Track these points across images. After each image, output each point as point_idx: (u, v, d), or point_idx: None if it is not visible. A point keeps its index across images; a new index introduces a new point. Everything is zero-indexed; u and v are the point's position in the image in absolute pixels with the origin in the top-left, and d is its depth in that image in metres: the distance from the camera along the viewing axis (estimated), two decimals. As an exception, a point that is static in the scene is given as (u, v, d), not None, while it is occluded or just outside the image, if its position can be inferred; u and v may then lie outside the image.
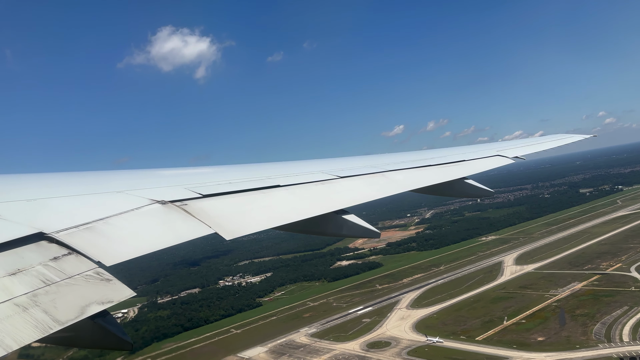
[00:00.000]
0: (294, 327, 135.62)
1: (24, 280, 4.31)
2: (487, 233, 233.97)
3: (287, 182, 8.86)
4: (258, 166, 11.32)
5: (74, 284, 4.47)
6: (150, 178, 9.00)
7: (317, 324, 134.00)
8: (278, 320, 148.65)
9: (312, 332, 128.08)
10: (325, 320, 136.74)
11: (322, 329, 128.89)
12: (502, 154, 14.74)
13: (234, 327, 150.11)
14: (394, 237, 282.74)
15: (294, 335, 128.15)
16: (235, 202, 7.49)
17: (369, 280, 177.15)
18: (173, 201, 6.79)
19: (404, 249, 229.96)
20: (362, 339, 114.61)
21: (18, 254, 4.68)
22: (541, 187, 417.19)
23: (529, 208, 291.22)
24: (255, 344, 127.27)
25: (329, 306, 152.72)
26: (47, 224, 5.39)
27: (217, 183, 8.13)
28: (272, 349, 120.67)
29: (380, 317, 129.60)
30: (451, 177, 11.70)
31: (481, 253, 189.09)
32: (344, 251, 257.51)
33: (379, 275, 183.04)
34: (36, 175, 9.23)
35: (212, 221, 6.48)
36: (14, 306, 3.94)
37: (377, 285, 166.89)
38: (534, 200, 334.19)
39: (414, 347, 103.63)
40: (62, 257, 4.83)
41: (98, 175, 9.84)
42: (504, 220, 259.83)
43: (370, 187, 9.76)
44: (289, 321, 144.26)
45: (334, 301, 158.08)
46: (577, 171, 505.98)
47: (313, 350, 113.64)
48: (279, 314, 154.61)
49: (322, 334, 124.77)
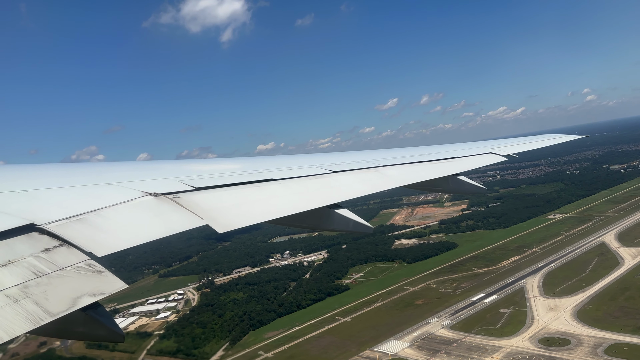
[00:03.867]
0: (417, 317, 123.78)
1: (15, 271, 4.26)
2: (549, 211, 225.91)
3: (280, 176, 8.87)
4: (252, 159, 11.56)
5: (66, 275, 4.43)
6: (143, 170, 8.87)
7: (445, 314, 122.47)
8: (387, 307, 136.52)
9: (448, 323, 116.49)
10: (450, 309, 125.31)
11: (457, 320, 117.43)
12: (495, 152, 15.12)
13: (337, 314, 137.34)
14: (436, 213, 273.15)
15: (427, 327, 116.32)
16: (228, 195, 7.42)
17: (458, 263, 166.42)
18: (165, 193, 6.74)
19: (466, 227, 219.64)
20: (524, 334, 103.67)
21: (9, 246, 4.62)
22: (559, 163, 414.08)
23: (571, 185, 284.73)
24: (385, 336, 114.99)
25: (436, 292, 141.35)
26: (39, 215, 5.33)
27: (211, 176, 8.11)
28: (415, 343, 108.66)
29: (519, 307, 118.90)
30: (444, 174, 11.85)
31: (566, 233, 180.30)
32: (390, 229, 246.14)
33: (464, 256, 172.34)
34: (28, 166, 9.25)
35: (204, 214, 6.41)
36: (4, 297, 3.91)
37: (475, 269, 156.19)
38: (566, 176, 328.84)
39: (605, 345, 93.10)
40: (53, 248, 4.77)
41: (90, 167, 10.07)
42: (556, 197, 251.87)
43: (364, 183, 9.80)
44: (403, 309, 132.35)
45: (436, 285, 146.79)
46: (583, 147, 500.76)
47: (473, 347, 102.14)
48: (381, 300, 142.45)
49: (463, 327, 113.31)
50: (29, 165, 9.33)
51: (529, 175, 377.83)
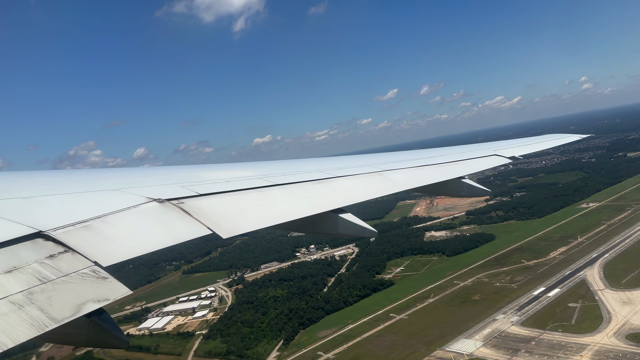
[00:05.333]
0: (480, 313, 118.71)
1: (20, 278, 4.28)
2: (579, 200, 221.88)
3: (283, 180, 8.92)
4: (255, 165, 11.52)
5: (70, 281, 4.44)
6: (147, 176, 8.97)
7: (510, 310, 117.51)
8: (442, 303, 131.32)
9: (517, 319, 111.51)
10: (513, 304, 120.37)
11: (526, 317, 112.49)
12: (499, 154, 15.06)
13: (389, 311, 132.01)
14: (458, 204, 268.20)
15: (496, 324, 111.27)
16: (232, 201, 7.47)
17: (502, 255, 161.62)
18: (170, 199, 6.77)
19: (498, 218, 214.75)
20: (606, 330, 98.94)
21: (14, 252, 4.63)
22: (570, 152, 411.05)
23: (593, 173, 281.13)
24: (452, 334, 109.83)
25: (491, 286, 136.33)
26: (44, 221, 5.36)
27: (214, 182, 8.20)
28: (489, 342, 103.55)
29: (588, 301, 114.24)
30: (448, 177, 11.82)
31: (607, 222, 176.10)
32: (415, 221, 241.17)
33: (506, 248, 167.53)
34: (33, 172, 9.36)
35: (208, 219, 6.47)
36: (9, 304, 3.92)
37: (524, 261, 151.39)
38: (583, 164, 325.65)
39: None
40: (58, 255, 4.79)
41: (95, 173, 10.18)
42: (582, 186, 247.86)
43: (368, 187, 9.82)
44: (461, 305, 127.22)
45: (488, 279, 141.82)
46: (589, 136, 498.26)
47: (555, 345, 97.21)
48: (433, 295, 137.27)
49: (535, 323, 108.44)
50: (33, 172, 9.55)
51: (542, 164, 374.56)
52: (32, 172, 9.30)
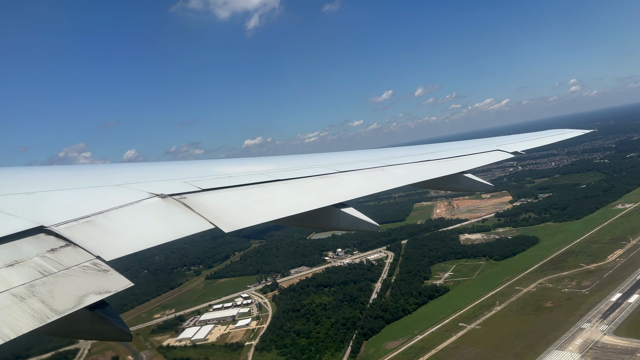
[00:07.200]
0: (561, 322, 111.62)
1: (22, 271, 4.32)
2: (612, 201, 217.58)
3: (286, 176, 8.82)
4: (257, 160, 11.42)
5: (71, 274, 4.46)
6: (149, 172, 8.85)
7: (594, 318, 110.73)
8: (512, 312, 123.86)
9: (606, 328, 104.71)
10: (593, 311, 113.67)
11: (616, 325, 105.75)
12: (501, 149, 14.94)
13: (455, 320, 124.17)
14: (480, 206, 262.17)
15: (586, 334, 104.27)
16: (235, 196, 7.38)
17: (555, 259, 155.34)
18: (172, 195, 6.73)
19: (534, 220, 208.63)
20: None
21: (15, 246, 4.66)
22: (577, 153, 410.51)
23: (612, 174, 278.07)
24: (540, 345, 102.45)
25: (559, 292, 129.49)
26: (46, 217, 5.35)
27: (217, 177, 8.12)
28: (587, 353, 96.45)
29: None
30: (450, 172, 11.72)
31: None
32: (442, 223, 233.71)
33: (556, 252, 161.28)
34: (35, 168, 9.45)
35: (211, 214, 6.42)
36: (11, 296, 3.96)
37: (583, 265, 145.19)
38: (596, 165, 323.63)
39: None
40: (59, 249, 4.81)
41: (97, 169, 9.98)
42: (610, 187, 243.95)
43: (370, 181, 9.75)
44: (535, 313, 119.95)
45: (553, 285, 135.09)
46: (590, 137, 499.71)
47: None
48: (499, 303, 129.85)
49: (630, 332, 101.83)
50: (36, 167, 9.73)
51: (552, 165, 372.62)
52: (34, 168, 9.42)
